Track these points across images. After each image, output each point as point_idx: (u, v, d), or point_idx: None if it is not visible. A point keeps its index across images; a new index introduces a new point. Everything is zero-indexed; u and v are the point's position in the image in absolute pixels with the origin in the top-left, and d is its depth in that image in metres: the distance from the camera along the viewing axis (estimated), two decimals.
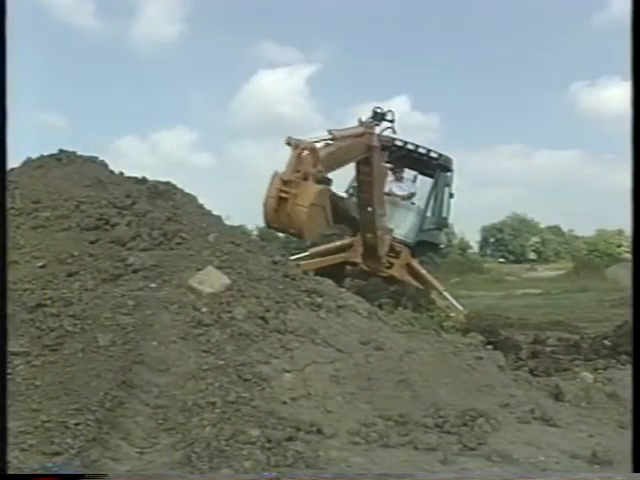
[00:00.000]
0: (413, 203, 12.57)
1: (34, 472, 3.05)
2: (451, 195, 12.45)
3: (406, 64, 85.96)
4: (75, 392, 3.62)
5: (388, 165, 11.71)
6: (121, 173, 6.42)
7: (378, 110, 8.46)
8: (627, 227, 2.94)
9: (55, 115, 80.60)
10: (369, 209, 9.26)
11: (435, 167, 12.26)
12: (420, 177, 12.96)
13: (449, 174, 12.41)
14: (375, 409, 4.21)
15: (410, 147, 12.19)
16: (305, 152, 5.89)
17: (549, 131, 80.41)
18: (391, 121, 8.57)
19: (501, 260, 49.93)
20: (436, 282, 11.26)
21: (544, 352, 7.74)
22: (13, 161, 5.87)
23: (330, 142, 6.73)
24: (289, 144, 5.85)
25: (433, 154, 12.16)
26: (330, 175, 6.76)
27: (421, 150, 12.22)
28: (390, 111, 8.54)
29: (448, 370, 4.93)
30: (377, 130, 8.44)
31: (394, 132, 8.87)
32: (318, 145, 6.43)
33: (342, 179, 10.78)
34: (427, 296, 10.18)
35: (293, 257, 9.74)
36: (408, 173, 12.76)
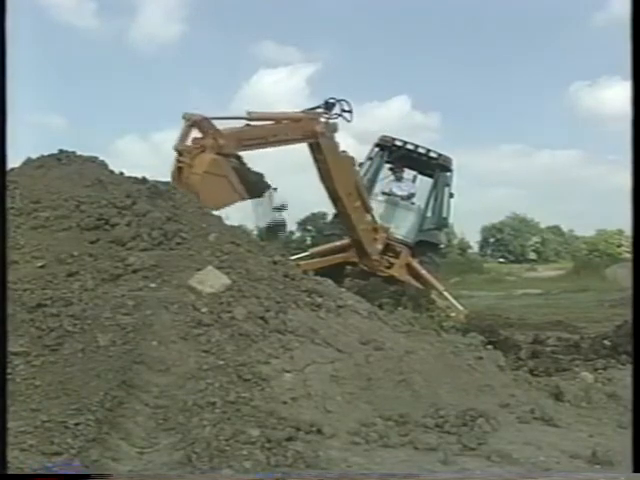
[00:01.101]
0: (413, 203, 12.58)
1: (34, 472, 3.04)
2: (451, 195, 12.46)
3: (406, 64, 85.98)
4: (75, 392, 3.61)
5: (352, 156, 11.32)
6: (121, 173, 6.42)
7: (330, 100, 8.58)
8: (627, 227, 2.95)
9: (55, 115, 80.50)
10: (338, 203, 9.32)
11: (435, 167, 12.27)
12: (420, 177, 12.97)
13: (449, 174, 12.42)
14: (375, 409, 4.21)
15: (410, 147, 12.22)
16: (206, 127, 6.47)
17: (549, 131, 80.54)
18: (349, 111, 8.65)
19: (501, 260, 49.95)
20: (436, 282, 11.26)
21: (544, 352, 7.74)
22: (13, 161, 5.87)
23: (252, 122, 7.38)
24: (184, 118, 6.41)
25: (433, 154, 12.18)
26: None
27: (421, 150, 12.24)
28: (345, 101, 8.66)
29: (448, 370, 4.93)
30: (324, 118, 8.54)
31: (348, 121, 8.82)
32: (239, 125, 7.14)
33: None
34: (427, 296, 10.18)
35: (293, 257, 9.75)
36: (408, 173, 12.78)
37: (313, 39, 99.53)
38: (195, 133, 6.53)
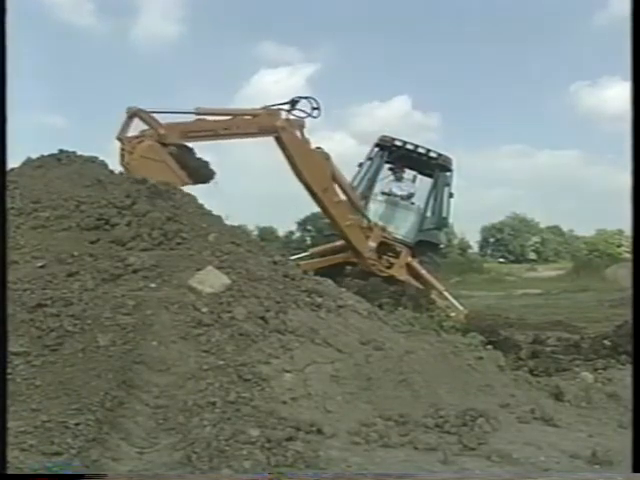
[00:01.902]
0: (413, 203, 12.59)
1: (34, 472, 3.04)
2: (451, 195, 12.47)
3: (406, 64, 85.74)
4: (75, 392, 3.61)
5: (326, 152, 10.10)
6: (121, 173, 6.43)
7: (296, 99, 8.75)
8: (627, 227, 2.95)
9: (55, 115, 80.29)
10: (315, 199, 9.42)
11: (434, 167, 12.28)
12: (420, 177, 12.98)
13: (449, 174, 12.42)
14: (375, 409, 4.21)
15: (409, 147, 12.22)
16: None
17: (549, 131, 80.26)
18: (317, 109, 8.76)
19: (501, 260, 49.89)
20: (436, 282, 11.25)
21: (544, 352, 7.75)
22: (13, 161, 5.88)
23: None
24: (126, 112, 7.27)
25: (432, 154, 12.19)
26: None
27: (420, 150, 12.25)
28: (313, 99, 8.79)
29: (448, 370, 4.93)
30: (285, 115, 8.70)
31: (315, 118, 8.89)
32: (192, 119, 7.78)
33: None
34: (427, 296, 10.17)
35: (293, 257, 9.75)
36: (408, 173, 12.78)
37: (313, 39, 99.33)
38: (139, 125, 7.33)
